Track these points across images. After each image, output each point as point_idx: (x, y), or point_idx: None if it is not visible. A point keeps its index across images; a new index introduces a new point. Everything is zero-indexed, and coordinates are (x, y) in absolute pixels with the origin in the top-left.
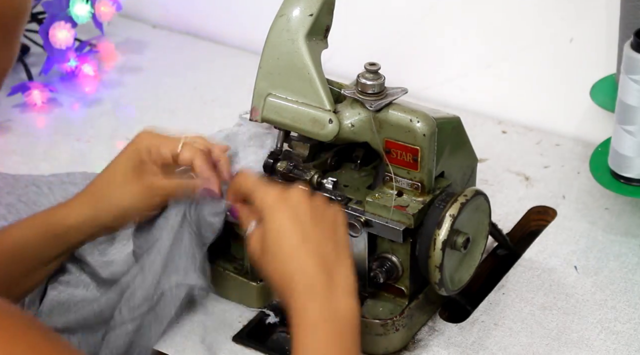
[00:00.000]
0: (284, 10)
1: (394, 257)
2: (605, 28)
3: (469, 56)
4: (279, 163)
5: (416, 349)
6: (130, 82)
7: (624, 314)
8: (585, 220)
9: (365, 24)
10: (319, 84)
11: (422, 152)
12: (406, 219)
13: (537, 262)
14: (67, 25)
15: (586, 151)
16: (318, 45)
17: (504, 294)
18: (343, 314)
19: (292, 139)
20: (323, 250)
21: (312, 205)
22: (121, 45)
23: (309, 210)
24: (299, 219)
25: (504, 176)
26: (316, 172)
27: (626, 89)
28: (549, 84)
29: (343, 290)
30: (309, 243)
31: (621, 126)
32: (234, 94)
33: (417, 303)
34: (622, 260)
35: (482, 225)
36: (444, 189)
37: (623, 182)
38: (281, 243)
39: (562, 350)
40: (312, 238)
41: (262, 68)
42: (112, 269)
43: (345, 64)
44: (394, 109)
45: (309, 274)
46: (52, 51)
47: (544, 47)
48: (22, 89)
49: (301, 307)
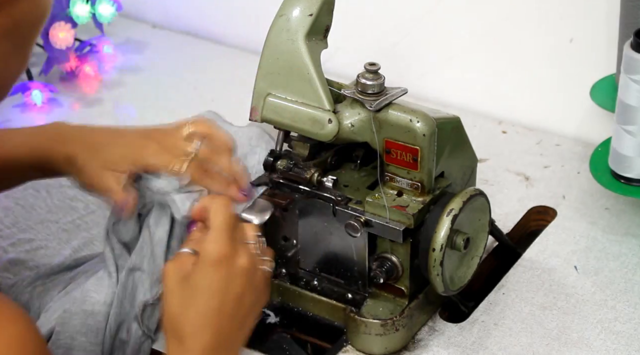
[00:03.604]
0: (283, 10)
1: (394, 257)
2: (605, 28)
3: (469, 56)
4: (279, 161)
5: (416, 349)
6: (130, 82)
7: (624, 314)
8: (585, 220)
9: (365, 24)
10: (318, 84)
11: (422, 152)
12: (406, 219)
13: (537, 262)
14: (67, 25)
15: (586, 151)
16: (318, 45)
17: (504, 294)
18: None
19: (292, 138)
20: (230, 327)
21: (249, 280)
22: (121, 45)
23: (244, 284)
24: (229, 287)
25: (504, 176)
26: (316, 171)
27: (626, 89)
28: (549, 84)
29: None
30: (222, 315)
31: (621, 126)
32: (234, 94)
33: (417, 303)
34: (622, 260)
35: (482, 225)
36: (444, 189)
37: (623, 182)
38: (199, 299)
39: (562, 350)
40: (228, 311)
41: (261, 68)
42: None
43: (345, 64)
44: (393, 109)
45: (203, 343)
46: (52, 51)
47: (544, 47)
48: (22, 89)
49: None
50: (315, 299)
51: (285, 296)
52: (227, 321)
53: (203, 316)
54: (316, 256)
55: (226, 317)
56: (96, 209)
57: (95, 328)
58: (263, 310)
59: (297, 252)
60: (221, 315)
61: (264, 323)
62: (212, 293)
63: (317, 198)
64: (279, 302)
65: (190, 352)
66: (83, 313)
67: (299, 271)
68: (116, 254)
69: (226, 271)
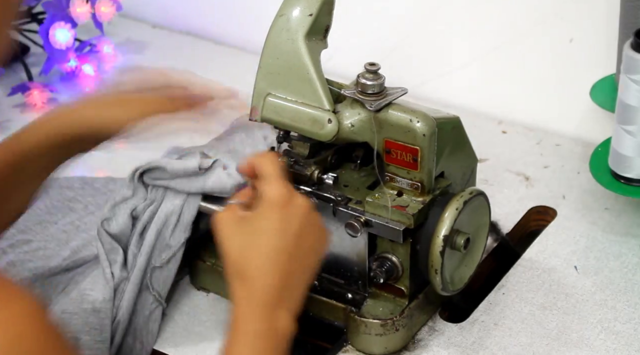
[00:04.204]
0: (283, 10)
1: (394, 257)
2: (605, 28)
3: (469, 56)
4: (279, 159)
5: (416, 349)
6: None
7: (624, 314)
8: (585, 220)
9: (365, 24)
10: (318, 84)
11: (422, 152)
12: (406, 219)
13: (537, 262)
14: (67, 25)
15: (586, 151)
16: (318, 45)
17: (504, 294)
18: (282, 332)
19: (292, 138)
20: (293, 267)
21: (308, 221)
22: (121, 45)
23: (303, 224)
24: (289, 227)
25: (504, 176)
26: (317, 168)
27: (626, 89)
28: (549, 84)
29: (289, 310)
30: (285, 254)
31: (621, 126)
32: None
33: (417, 303)
34: (622, 260)
35: (482, 225)
36: (444, 189)
37: (623, 182)
38: (261, 239)
39: (562, 350)
40: (290, 251)
41: (261, 68)
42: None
43: (345, 64)
44: (393, 109)
45: (268, 283)
46: (52, 51)
47: (544, 47)
48: (22, 89)
49: (246, 313)
50: (315, 299)
51: None
52: (291, 260)
53: (267, 256)
54: None
55: (290, 256)
56: (95, 210)
57: (98, 325)
58: None
59: None
60: (285, 254)
61: None
62: (274, 232)
63: (317, 198)
64: None
65: (257, 291)
66: (83, 312)
67: None
68: (106, 248)
69: (286, 211)
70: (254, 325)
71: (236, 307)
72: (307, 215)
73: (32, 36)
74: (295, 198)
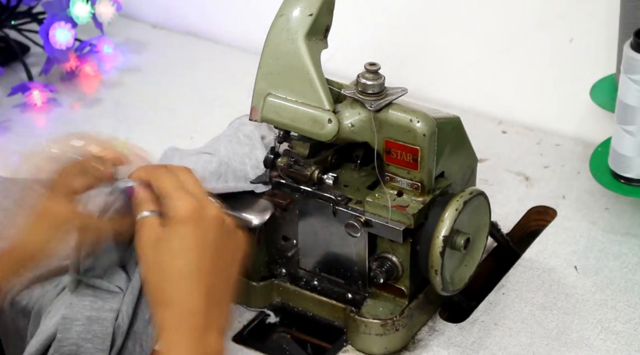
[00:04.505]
0: (283, 10)
1: (394, 257)
2: (605, 28)
3: (469, 56)
4: (279, 158)
5: (416, 349)
6: (130, 82)
7: (624, 314)
8: (585, 220)
9: (365, 24)
10: (318, 84)
11: (422, 152)
12: (406, 219)
13: (537, 262)
14: (67, 25)
15: (586, 151)
16: (318, 45)
17: (504, 294)
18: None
19: (292, 138)
20: (214, 282)
21: (223, 230)
22: (121, 45)
23: (219, 235)
24: (205, 242)
25: (504, 176)
26: (317, 168)
27: (626, 89)
28: (549, 84)
29: (217, 330)
30: (203, 272)
31: (621, 126)
32: (234, 94)
33: (417, 303)
34: (622, 260)
35: (482, 225)
36: (444, 189)
37: (623, 182)
38: (176, 259)
39: (562, 350)
40: (208, 267)
41: (261, 68)
42: None
43: (345, 64)
44: (394, 109)
45: (193, 305)
46: (52, 51)
47: (544, 47)
48: (22, 89)
49: (175, 341)
50: (315, 299)
51: (285, 296)
52: (212, 276)
53: (186, 277)
54: (316, 256)
55: (210, 272)
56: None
57: (101, 334)
58: (263, 310)
59: (297, 252)
60: (204, 272)
61: (264, 323)
62: (190, 251)
63: (317, 198)
64: (279, 302)
65: (183, 316)
66: (87, 319)
67: (299, 271)
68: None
69: (198, 226)
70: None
71: (164, 335)
72: (222, 224)
73: (32, 36)
74: (207, 209)
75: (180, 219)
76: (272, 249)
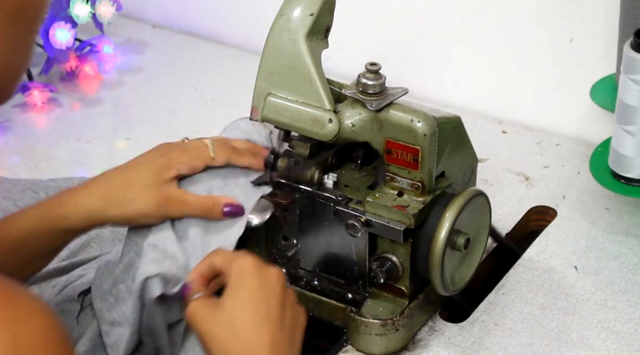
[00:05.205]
0: (284, 10)
1: (394, 257)
2: (605, 28)
3: (469, 56)
4: (279, 160)
5: (416, 349)
6: (130, 82)
7: (624, 314)
8: (585, 220)
9: (366, 24)
10: (319, 83)
11: (422, 152)
12: (406, 219)
13: (537, 262)
14: (67, 25)
15: (586, 151)
16: (318, 45)
17: (504, 294)
18: None
19: (292, 138)
20: (282, 337)
21: (287, 291)
22: (121, 45)
23: (283, 293)
24: (270, 295)
25: (504, 176)
26: (317, 169)
27: (626, 89)
28: (549, 84)
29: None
30: (272, 323)
31: (621, 126)
32: (234, 94)
33: (417, 303)
34: (622, 260)
35: (482, 225)
36: (445, 189)
37: (623, 182)
38: (244, 312)
39: (562, 350)
40: (275, 320)
41: (262, 68)
42: None
43: (346, 63)
44: (394, 109)
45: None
46: (52, 51)
47: (544, 47)
48: (22, 89)
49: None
50: (315, 299)
51: None
52: (279, 330)
53: (255, 327)
54: (316, 256)
55: (276, 325)
56: None
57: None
58: None
59: (297, 252)
60: (272, 323)
61: None
62: (256, 302)
63: (317, 198)
64: None
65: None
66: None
67: (299, 271)
68: None
69: (262, 280)
70: None
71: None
72: (284, 285)
73: None
74: (268, 268)
75: (242, 273)
76: (272, 249)
